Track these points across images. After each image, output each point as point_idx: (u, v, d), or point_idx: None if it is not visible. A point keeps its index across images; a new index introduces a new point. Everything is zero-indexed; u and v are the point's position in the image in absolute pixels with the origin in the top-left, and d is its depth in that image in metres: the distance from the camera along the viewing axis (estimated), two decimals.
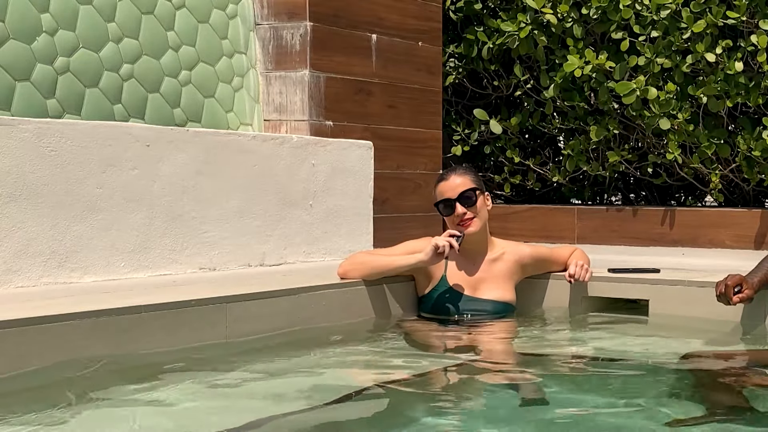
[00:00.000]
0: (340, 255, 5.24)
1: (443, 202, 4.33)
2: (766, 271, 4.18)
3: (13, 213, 3.99)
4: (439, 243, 4.20)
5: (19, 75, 4.49)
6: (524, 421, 2.94)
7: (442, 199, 4.34)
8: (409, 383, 3.39)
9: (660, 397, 3.21)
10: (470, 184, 4.33)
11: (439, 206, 4.35)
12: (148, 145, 4.48)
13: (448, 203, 4.32)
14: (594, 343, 4.28)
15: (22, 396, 3.10)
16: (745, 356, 3.97)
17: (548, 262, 4.62)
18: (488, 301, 4.41)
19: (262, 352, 3.77)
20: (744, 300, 4.07)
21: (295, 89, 5.60)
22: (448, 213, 4.33)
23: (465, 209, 4.30)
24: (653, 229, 6.35)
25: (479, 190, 4.36)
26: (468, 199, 4.31)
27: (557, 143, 7.24)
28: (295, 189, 5.17)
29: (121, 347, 3.45)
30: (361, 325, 4.29)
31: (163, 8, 5.20)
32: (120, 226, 4.36)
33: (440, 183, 4.38)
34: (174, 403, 3.13)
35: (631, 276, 4.59)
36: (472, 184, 4.34)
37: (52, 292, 3.88)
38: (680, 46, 6.15)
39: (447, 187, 4.33)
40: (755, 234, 6.07)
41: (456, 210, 4.30)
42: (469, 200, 4.31)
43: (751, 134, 6.07)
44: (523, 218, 6.72)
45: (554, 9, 6.48)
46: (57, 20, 4.66)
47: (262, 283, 4.26)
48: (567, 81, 6.55)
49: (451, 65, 6.95)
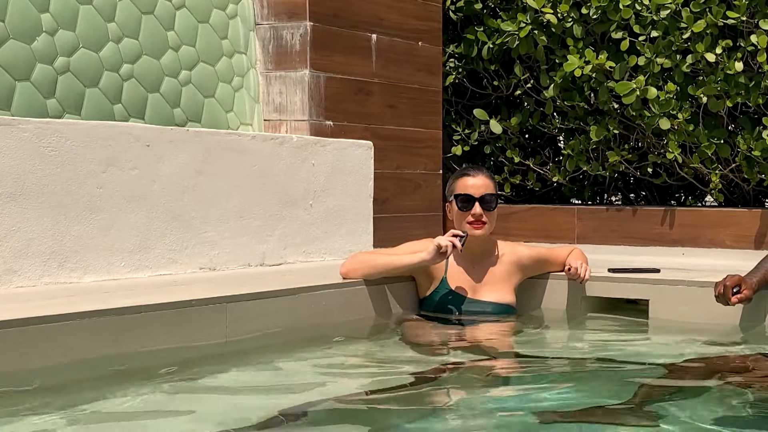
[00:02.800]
0: (340, 255, 5.24)
1: (465, 197, 4.34)
2: (765, 271, 4.18)
3: (13, 213, 3.99)
4: (442, 243, 4.20)
5: (19, 75, 4.49)
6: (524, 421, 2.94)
7: (465, 193, 4.34)
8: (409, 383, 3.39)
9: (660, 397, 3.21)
10: (493, 190, 4.39)
11: (458, 198, 4.35)
12: (148, 145, 4.48)
13: (469, 199, 4.33)
14: (594, 343, 4.28)
15: (22, 396, 3.10)
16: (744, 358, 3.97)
17: (547, 263, 4.62)
18: (489, 303, 4.41)
19: (262, 352, 3.77)
20: (742, 300, 4.07)
21: (295, 89, 5.60)
22: (466, 208, 4.33)
23: (482, 211, 4.32)
24: (653, 229, 6.35)
25: (499, 199, 4.44)
26: (489, 203, 4.35)
27: (557, 143, 7.24)
28: (295, 189, 5.17)
29: (121, 347, 3.45)
30: (361, 325, 4.29)
31: (163, 8, 5.20)
32: (120, 226, 4.36)
33: (465, 177, 4.39)
34: (174, 403, 3.14)
35: (631, 276, 4.59)
36: (494, 191, 4.40)
37: (52, 292, 3.88)
38: (680, 46, 6.15)
39: (472, 183, 4.36)
40: (755, 234, 6.07)
41: (474, 209, 4.31)
42: (489, 204, 4.35)
43: (751, 134, 6.07)
44: (523, 218, 6.72)
45: (554, 9, 6.48)
46: (57, 20, 4.67)
47: (262, 283, 4.26)
48: (567, 81, 6.55)
49: (451, 65, 6.95)
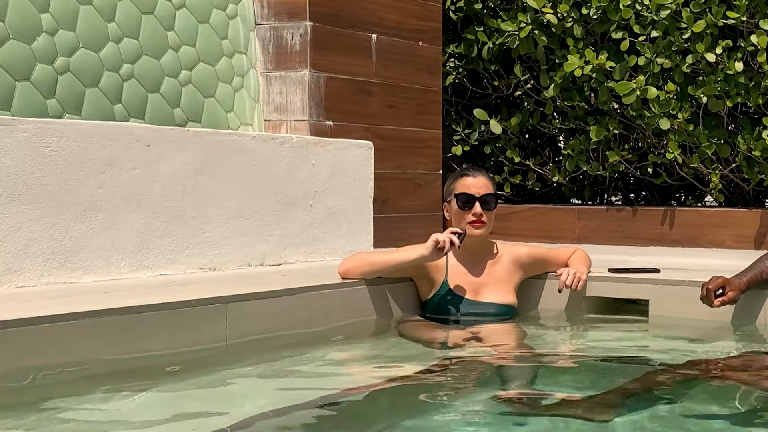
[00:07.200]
0: (340, 255, 5.24)
1: (465, 196, 4.36)
2: (758, 272, 4.14)
3: (13, 213, 3.99)
4: (440, 238, 4.22)
5: (19, 75, 4.49)
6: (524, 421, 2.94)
7: (466, 192, 4.36)
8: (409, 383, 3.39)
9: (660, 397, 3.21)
10: (493, 191, 4.44)
11: (458, 197, 4.37)
12: (148, 145, 4.48)
13: (470, 198, 4.36)
14: (594, 343, 4.28)
15: (22, 396, 3.10)
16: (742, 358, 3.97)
17: (547, 262, 4.62)
18: (490, 304, 4.41)
19: (262, 352, 3.77)
20: (726, 303, 4.02)
21: (295, 89, 5.60)
22: (466, 207, 4.35)
23: (482, 211, 4.35)
24: (653, 229, 6.35)
25: (498, 200, 4.49)
26: (489, 203, 4.39)
27: (557, 143, 7.24)
28: (295, 189, 5.17)
29: (121, 347, 3.45)
30: (362, 326, 4.29)
31: (163, 8, 5.20)
32: (120, 226, 4.36)
33: (465, 177, 4.43)
34: (174, 403, 3.14)
35: (631, 276, 4.59)
36: (494, 191, 4.44)
37: (52, 292, 3.88)
38: (680, 46, 6.15)
39: (473, 183, 4.40)
40: (755, 234, 6.07)
41: (474, 208, 4.35)
42: (489, 204, 4.39)
43: (751, 134, 6.07)
44: (523, 218, 6.72)
45: (554, 9, 6.48)
46: (57, 20, 4.67)
47: (262, 283, 4.26)
48: (567, 81, 6.55)
49: (451, 65, 6.95)
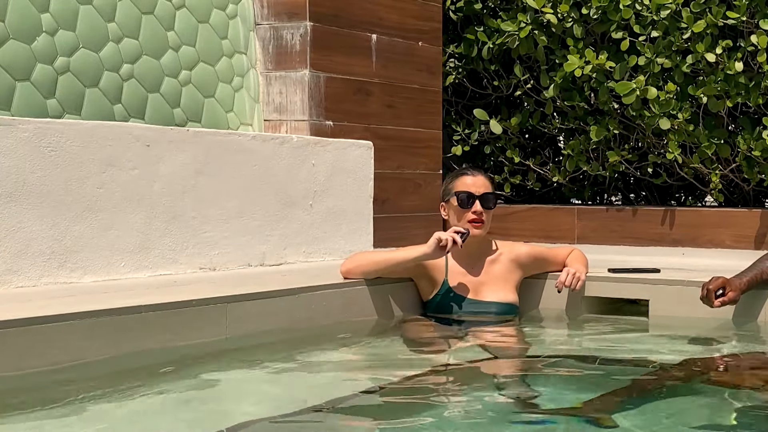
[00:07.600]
0: (340, 255, 5.24)
1: (466, 194, 4.38)
2: (758, 272, 4.14)
3: (13, 213, 3.99)
4: (443, 236, 4.23)
5: (19, 75, 4.49)
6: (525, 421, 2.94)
7: (466, 191, 4.38)
8: (409, 383, 3.39)
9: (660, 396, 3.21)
10: (492, 190, 4.47)
11: (459, 196, 4.38)
12: (148, 145, 4.48)
13: (470, 196, 4.38)
14: (594, 343, 4.28)
15: (22, 396, 3.10)
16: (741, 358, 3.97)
17: (545, 261, 4.63)
18: (491, 303, 4.42)
19: (262, 353, 3.77)
20: (726, 303, 4.03)
21: (295, 89, 5.60)
22: (466, 205, 4.36)
23: (482, 209, 4.36)
24: (653, 229, 6.35)
25: (497, 200, 4.53)
26: (488, 202, 4.42)
27: (557, 143, 7.25)
28: (295, 189, 5.17)
29: (121, 347, 3.45)
30: (362, 326, 4.29)
31: (163, 8, 5.20)
32: (120, 226, 4.36)
33: (464, 176, 4.46)
34: (174, 403, 3.13)
35: (631, 276, 4.59)
36: (493, 191, 4.47)
37: (52, 292, 3.88)
38: (680, 46, 6.15)
39: (473, 182, 4.43)
40: (755, 234, 6.07)
41: (475, 206, 4.36)
42: (489, 203, 4.42)
43: (751, 134, 6.07)
44: (523, 218, 6.73)
45: (554, 9, 6.48)
46: (57, 20, 4.67)
47: (262, 283, 4.26)
48: (567, 81, 6.55)
49: (451, 65, 6.95)
